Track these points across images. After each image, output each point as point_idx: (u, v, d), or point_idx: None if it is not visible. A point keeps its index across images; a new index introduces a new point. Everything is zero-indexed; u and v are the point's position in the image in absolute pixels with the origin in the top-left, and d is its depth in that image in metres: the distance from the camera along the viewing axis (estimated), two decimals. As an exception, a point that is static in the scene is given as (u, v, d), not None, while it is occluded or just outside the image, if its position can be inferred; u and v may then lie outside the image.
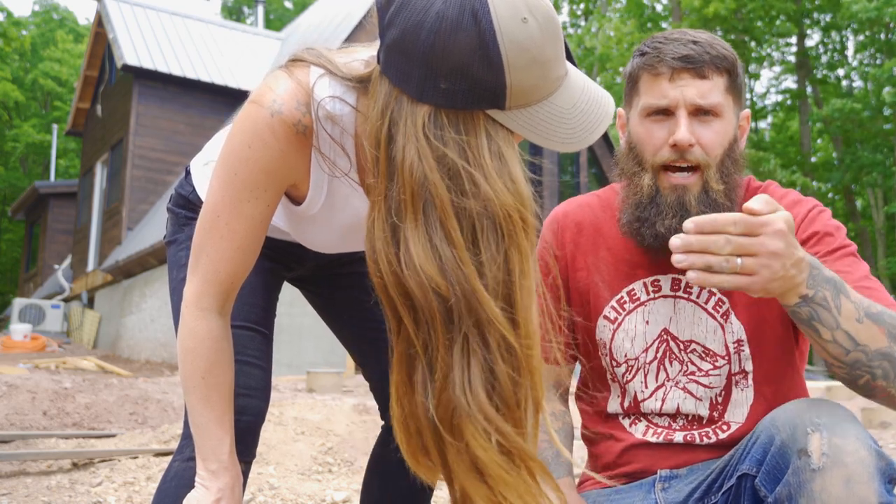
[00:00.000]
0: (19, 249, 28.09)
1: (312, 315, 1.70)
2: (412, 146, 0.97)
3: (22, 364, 8.85)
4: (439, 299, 0.96)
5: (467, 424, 0.97)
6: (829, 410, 1.09)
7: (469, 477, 0.99)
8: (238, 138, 1.13)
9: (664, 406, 1.44)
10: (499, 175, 0.97)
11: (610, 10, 27.43)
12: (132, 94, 13.68)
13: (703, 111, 1.35)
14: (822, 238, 1.34)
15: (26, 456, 3.36)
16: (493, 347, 0.96)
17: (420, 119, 0.97)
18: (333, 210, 1.27)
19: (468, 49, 0.94)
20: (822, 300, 1.13)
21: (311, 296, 1.65)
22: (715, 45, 1.36)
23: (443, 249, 0.95)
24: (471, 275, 0.95)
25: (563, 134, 1.02)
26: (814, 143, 24.33)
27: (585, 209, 1.55)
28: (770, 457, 1.12)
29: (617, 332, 1.47)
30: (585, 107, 1.04)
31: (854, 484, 1.02)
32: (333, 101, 1.13)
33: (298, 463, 3.49)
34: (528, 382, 0.99)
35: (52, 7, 35.89)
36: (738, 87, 1.38)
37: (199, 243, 1.19)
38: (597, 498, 1.45)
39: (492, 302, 0.96)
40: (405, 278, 0.97)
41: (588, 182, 13.98)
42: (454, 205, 0.96)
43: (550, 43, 0.98)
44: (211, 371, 1.20)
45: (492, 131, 0.98)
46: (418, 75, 0.97)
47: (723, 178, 1.36)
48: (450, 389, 0.97)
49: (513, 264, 0.98)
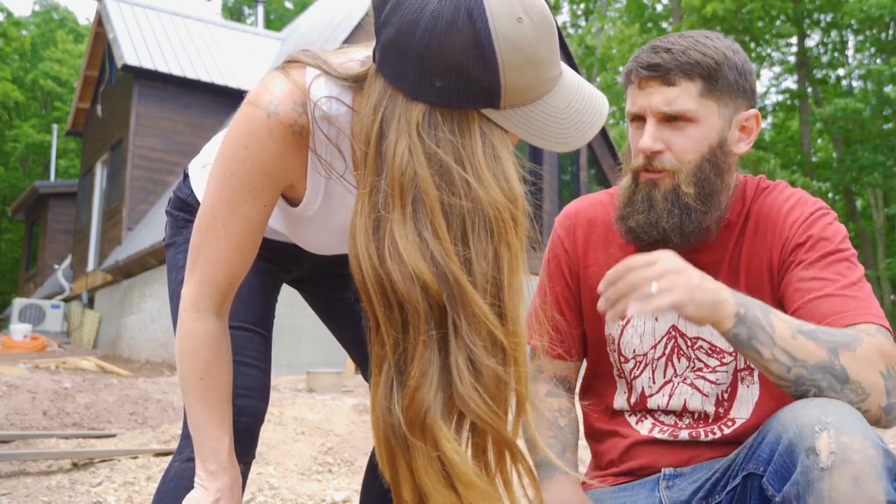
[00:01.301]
0: (19, 249, 28.09)
1: (312, 316, 1.70)
2: (404, 142, 0.97)
3: (22, 364, 8.85)
4: (424, 293, 0.96)
5: (441, 425, 0.96)
6: (836, 409, 1.10)
7: (437, 484, 0.98)
8: (235, 139, 1.13)
9: (671, 402, 1.45)
10: (492, 174, 0.97)
11: (611, 10, 27.43)
12: (132, 94, 13.67)
13: (672, 117, 1.36)
14: (816, 243, 1.34)
15: (26, 456, 3.36)
16: (478, 344, 0.96)
17: (414, 117, 0.98)
18: (330, 211, 1.27)
19: (463, 48, 0.95)
20: (755, 319, 1.17)
21: (309, 297, 1.65)
22: (691, 49, 1.36)
23: (431, 244, 0.95)
24: (458, 270, 0.95)
25: (557, 133, 1.02)
26: (814, 143, 24.33)
27: (598, 206, 1.57)
28: (778, 456, 1.12)
29: (626, 328, 1.49)
30: (580, 107, 1.05)
31: (862, 482, 1.02)
32: (329, 102, 1.13)
33: (298, 463, 3.49)
34: (513, 379, 0.99)
35: (52, 7, 35.88)
36: (722, 90, 1.37)
37: (197, 244, 1.19)
38: (601, 495, 1.46)
39: (478, 297, 0.96)
40: (388, 272, 0.96)
41: (588, 182, 13.97)
42: (443, 202, 0.96)
43: (545, 43, 0.98)
44: (209, 372, 1.20)
45: (486, 130, 0.98)
46: (413, 74, 0.97)
47: (697, 182, 1.37)
48: (425, 388, 0.96)
49: (502, 262, 0.98)
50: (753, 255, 1.41)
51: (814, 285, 1.30)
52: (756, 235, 1.41)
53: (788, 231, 1.38)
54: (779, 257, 1.38)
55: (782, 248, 1.38)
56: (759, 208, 1.43)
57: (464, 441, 1.00)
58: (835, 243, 1.34)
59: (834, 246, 1.34)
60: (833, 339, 1.18)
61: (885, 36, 21.70)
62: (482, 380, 0.97)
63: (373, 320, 1.02)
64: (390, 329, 0.99)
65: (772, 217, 1.41)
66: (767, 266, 1.39)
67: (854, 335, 1.20)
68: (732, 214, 1.43)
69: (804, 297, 1.30)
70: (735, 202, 1.44)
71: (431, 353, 0.97)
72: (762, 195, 1.44)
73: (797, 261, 1.35)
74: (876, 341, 1.20)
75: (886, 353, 1.20)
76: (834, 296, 1.28)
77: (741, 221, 1.43)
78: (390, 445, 1.00)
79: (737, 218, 1.43)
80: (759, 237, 1.41)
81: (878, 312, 1.26)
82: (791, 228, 1.38)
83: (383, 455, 1.02)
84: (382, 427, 1.00)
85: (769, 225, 1.41)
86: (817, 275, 1.31)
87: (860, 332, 1.22)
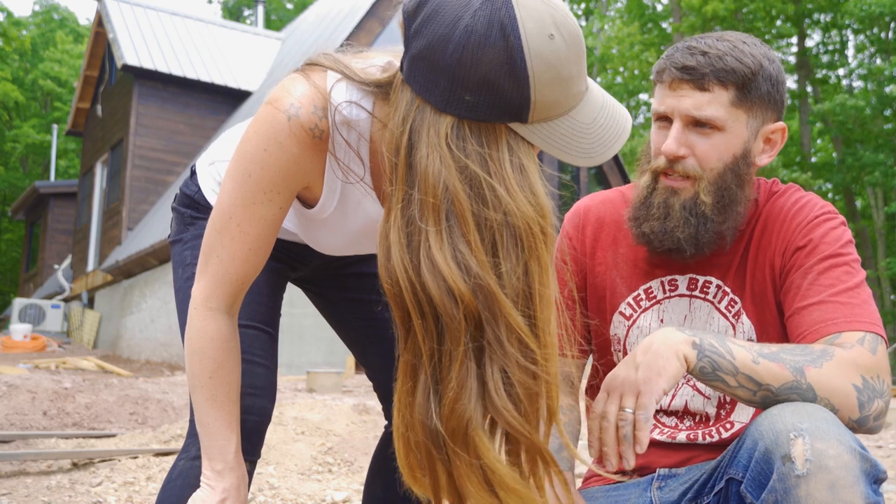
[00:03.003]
0: (19, 249, 28.09)
1: (313, 315, 1.71)
2: (435, 155, 0.97)
3: (22, 364, 8.85)
4: (461, 305, 0.96)
5: (482, 435, 0.97)
6: (812, 414, 1.09)
7: (480, 490, 0.99)
8: (254, 141, 1.13)
9: (673, 402, 1.45)
10: (520, 187, 0.98)
11: (611, 10, 27.43)
12: (132, 94, 13.68)
13: (699, 123, 1.34)
14: (816, 247, 1.33)
15: (26, 456, 3.36)
16: (511, 356, 0.96)
17: (443, 129, 0.98)
18: (346, 214, 1.27)
19: (496, 64, 0.95)
20: (711, 347, 1.17)
21: (314, 296, 1.65)
22: (728, 56, 1.32)
23: (465, 257, 0.96)
24: (493, 282, 0.95)
25: (583, 148, 1.03)
26: (814, 143, 24.32)
27: (608, 205, 1.56)
28: (755, 462, 1.12)
29: (632, 328, 1.48)
30: (605, 122, 1.05)
31: (839, 489, 1.02)
32: (350, 107, 1.13)
33: (298, 463, 3.49)
34: (545, 392, 0.99)
35: (52, 7, 35.88)
36: (754, 100, 1.34)
37: (210, 244, 1.19)
38: (595, 494, 1.46)
39: (513, 309, 0.96)
40: (424, 285, 0.96)
41: (588, 182, 13.97)
42: (475, 214, 0.96)
43: (575, 59, 0.99)
44: (218, 371, 1.20)
45: (513, 144, 0.99)
46: (443, 87, 0.97)
47: (717, 191, 1.35)
48: (465, 399, 0.96)
49: (532, 276, 0.98)
50: (759, 258, 1.41)
51: (808, 292, 1.30)
52: (762, 239, 1.41)
53: (791, 234, 1.37)
54: (780, 260, 1.38)
55: (784, 251, 1.37)
56: (768, 211, 1.42)
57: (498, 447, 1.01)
58: (835, 247, 1.33)
59: (833, 250, 1.32)
60: (797, 359, 1.18)
61: (885, 35, 21.70)
62: (515, 391, 0.97)
63: (403, 330, 1.02)
64: (426, 339, 0.99)
65: (778, 220, 1.40)
66: (770, 269, 1.39)
67: (823, 350, 1.19)
68: (745, 220, 1.43)
69: (797, 304, 1.30)
70: (749, 208, 1.42)
71: (469, 363, 0.97)
72: (773, 198, 1.43)
73: (797, 265, 1.34)
74: (851, 353, 1.19)
75: (864, 364, 1.19)
76: (826, 303, 1.27)
77: (751, 225, 1.43)
78: (430, 454, 1.00)
79: (748, 222, 1.43)
80: (765, 241, 1.41)
81: (871, 318, 1.25)
82: (794, 232, 1.37)
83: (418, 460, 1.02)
84: (422, 436, 1.00)
85: (775, 228, 1.40)
86: (813, 280, 1.30)
87: (835, 344, 1.21)
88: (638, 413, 1.13)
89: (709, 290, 1.43)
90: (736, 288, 1.42)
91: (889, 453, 4.35)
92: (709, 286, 1.43)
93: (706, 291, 1.43)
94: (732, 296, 1.42)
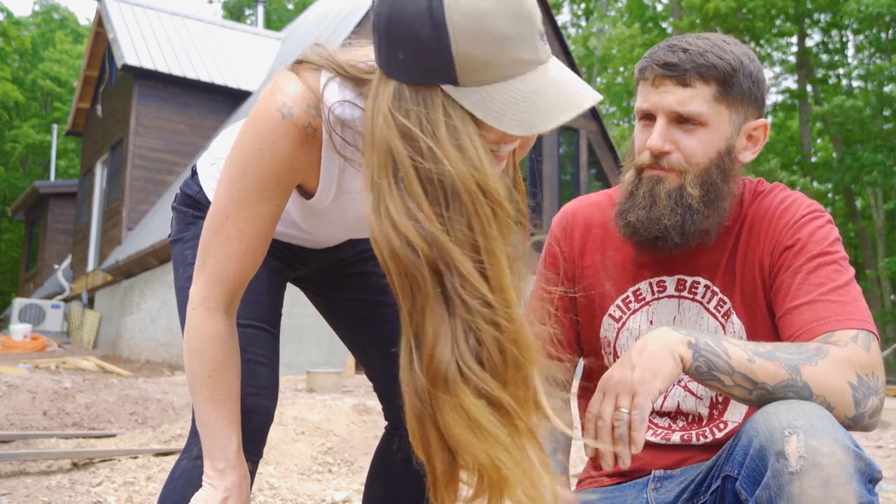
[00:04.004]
0: (19, 249, 28.09)
1: (313, 315, 1.71)
2: (380, 118, 1.01)
3: (22, 364, 8.85)
4: (422, 256, 0.98)
5: (459, 383, 0.99)
6: (806, 412, 1.09)
7: (465, 433, 1.00)
8: (248, 140, 1.15)
9: (665, 403, 1.45)
10: (454, 147, 0.99)
11: (611, 10, 27.43)
12: (132, 94, 13.67)
13: (683, 119, 1.35)
14: (804, 246, 1.34)
15: (26, 456, 3.36)
16: (472, 305, 0.98)
17: (388, 93, 1.01)
18: (343, 204, 1.29)
19: (417, 14, 0.97)
20: (707, 346, 1.18)
21: (313, 296, 1.65)
22: (709, 52, 1.34)
23: (414, 210, 0.99)
24: (439, 231, 0.98)
25: (520, 118, 1.01)
26: (814, 143, 24.32)
27: (595, 208, 1.56)
28: (749, 459, 1.12)
29: (621, 331, 1.48)
30: (552, 93, 1.02)
31: (832, 486, 1.02)
32: (343, 106, 1.15)
33: (298, 463, 3.50)
34: (512, 339, 1.00)
35: (52, 7, 35.88)
36: (735, 96, 1.35)
37: (207, 243, 1.20)
38: (590, 496, 1.46)
39: (462, 255, 0.98)
40: (388, 239, 1.00)
41: (588, 182, 13.97)
42: (417, 171, 0.99)
43: (509, 20, 0.98)
44: (218, 370, 1.20)
45: (448, 108, 1.00)
46: (385, 50, 1.01)
47: (703, 185, 1.36)
48: (441, 344, 0.99)
49: (475, 229, 1.00)
50: (748, 258, 1.41)
51: (798, 291, 1.30)
52: (750, 239, 1.41)
53: (779, 234, 1.37)
54: (769, 260, 1.38)
55: (772, 250, 1.37)
56: (755, 211, 1.42)
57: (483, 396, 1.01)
58: (823, 246, 1.33)
59: (821, 249, 1.33)
60: (792, 357, 1.18)
61: (886, 36, 21.69)
62: (483, 338, 0.99)
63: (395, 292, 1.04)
64: (404, 295, 1.01)
65: (765, 220, 1.40)
66: (759, 269, 1.39)
67: (817, 348, 1.20)
68: (730, 218, 1.43)
69: (788, 304, 1.30)
70: (734, 206, 1.43)
71: (442, 312, 0.99)
72: (759, 198, 1.44)
73: (785, 265, 1.34)
74: (846, 351, 1.20)
75: (858, 362, 1.19)
76: (817, 302, 1.27)
77: (738, 225, 1.43)
78: (418, 409, 1.01)
79: (734, 221, 1.43)
80: (753, 240, 1.41)
81: (863, 316, 1.25)
82: (781, 231, 1.37)
83: (414, 424, 1.03)
84: (408, 392, 1.01)
85: (762, 228, 1.40)
86: (803, 280, 1.31)
87: (829, 343, 1.22)
88: (633, 413, 1.14)
89: (697, 290, 1.44)
90: (725, 288, 1.42)
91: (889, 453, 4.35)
92: (697, 286, 1.44)
93: (694, 292, 1.44)
94: (721, 296, 1.42)
